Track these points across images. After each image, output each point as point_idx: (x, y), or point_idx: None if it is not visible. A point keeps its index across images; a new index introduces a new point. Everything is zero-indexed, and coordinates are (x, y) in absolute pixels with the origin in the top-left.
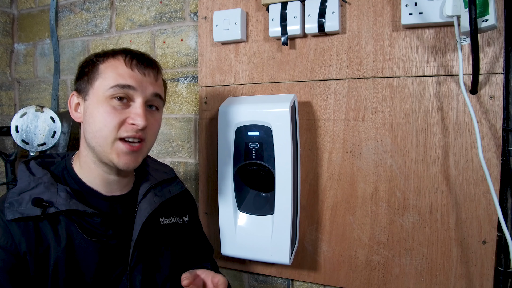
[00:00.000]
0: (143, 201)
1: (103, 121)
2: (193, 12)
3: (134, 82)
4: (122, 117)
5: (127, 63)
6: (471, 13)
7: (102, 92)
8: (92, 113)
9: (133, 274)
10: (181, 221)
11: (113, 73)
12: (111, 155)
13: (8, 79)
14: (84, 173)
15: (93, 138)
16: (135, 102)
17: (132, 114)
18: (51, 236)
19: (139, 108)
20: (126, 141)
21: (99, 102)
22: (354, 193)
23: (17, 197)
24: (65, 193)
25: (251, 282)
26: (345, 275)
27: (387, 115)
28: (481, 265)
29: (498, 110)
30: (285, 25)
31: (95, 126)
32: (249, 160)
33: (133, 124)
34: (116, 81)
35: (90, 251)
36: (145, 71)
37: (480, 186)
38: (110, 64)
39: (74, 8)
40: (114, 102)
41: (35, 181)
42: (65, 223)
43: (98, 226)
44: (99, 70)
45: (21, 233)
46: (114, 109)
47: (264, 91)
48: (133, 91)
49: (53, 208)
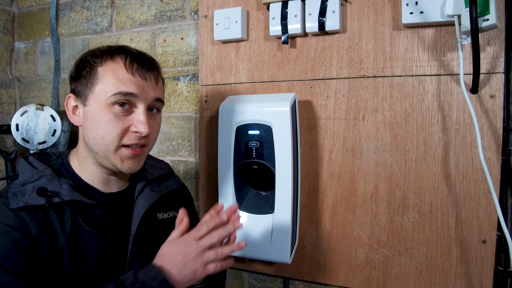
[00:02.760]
0: (140, 197)
1: (106, 129)
2: (193, 10)
3: (136, 89)
4: (125, 125)
5: (127, 67)
6: (471, 12)
7: (103, 98)
8: (94, 120)
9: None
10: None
11: (114, 79)
12: (114, 161)
13: (8, 77)
14: (83, 172)
15: (95, 145)
16: (137, 108)
17: (135, 122)
18: (57, 223)
19: (142, 115)
20: (129, 147)
21: (100, 108)
22: (354, 192)
23: (20, 187)
24: (68, 185)
25: (251, 281)
26: (345, 274)
27: (388, 114)
28: (480, 265)
29: (499, 110)
30: (285, 24)
31: (97, 133)
32: (249, 159)
33: (136, 132)
34: (117, 88)
35: (93, 241)
36: (146, 75)
37: (480, 185)
38: (109, 67)
39: (74, 6)
40: (116, 109)
41: (38, 174)
42: (69, 213)
43: (101, 218)
44: (98, 74)
45: (31, 219)
46: (116, 116)
47: (264, 90)
48: (135, 98)
49: (57, 198)
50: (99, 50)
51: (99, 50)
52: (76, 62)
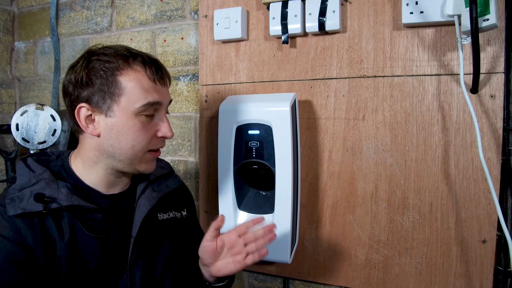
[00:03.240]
0: (141, 197)
1: (136, 138)
2: (193, 10)
3: (160, 97)
4: (151, 132)
5: (149, 76)
6: (472, 12)
7: (131, 109)
8: (122, 131)
9: (133, 270)
10: (179, 215)
11: (140, 90)
12: (139, 166)
13: (8, 77)
14: (85, 174)
15: (121, 154)
16: (159, 113)
17: (161, 127)
18: (54, 230)
19: (165, 121)
20: (152, 150)
21: (128, 119)
22: (354, 192)
23: (18, 193)
24: (66, 189)
25: (251, 281)
26: (345, 274)
27: (388, 114)
28: (480, 265)
29: (499, 110)
30: (285, 24)
31: (126, 143)
32: (249, 159)
33: (162, 137)
34: (145, 99)
35: (92, 246)
36: (163, 81)
37: (480, 185)
38: (131, 77)
39: (74, 6)
40: (143, 118)
41: (36, 178)
42: (68, 219)
43: (100, 222)
44: (120, 85)
45: (27, 227)
46: (143, 125)
47: (264, 90)
48: (159, 106)
49: (55, 204)
50: (105, 54)
51: (106, 55)
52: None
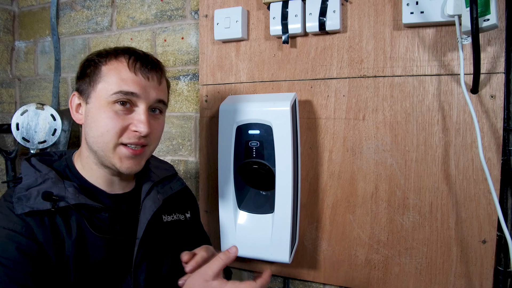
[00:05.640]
0: (147, 199)
1: (105, 126)
2: (194, 10)
3: (138, 89)
4: (124, 123)
5: (130, 66)
6: (472, 12)
7: (105, 97)
8: (94, 118)
9: (137, 272)
10: (183, 218)
11: (116, 78)
12: (113, 160)
13: (8, 76)
14: (87, 173)
15: (94, 143)
16: (138, 107)
17: (135, 121)
18: (63, 229)
19: (142, 115)
20: (128, 146)
21: (101, 106)
22: (354, 192)
23: (25, 192)
24: (73, 188)
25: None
26: (345, 274)
27: (388, 114)
28: (480, 265)
29: (499, 110)
30: (286, 24)
31: (97, 131)
32: (250, 159)
33: (135, 131)
34: (119, 87)
35: (98, 245)
36: (149, 75)
37: (480, 185)
38: (113, 66)
39: (75, 5)
40: (117, 107)
41: (42, 177)
42: (75, 218)
43: (106, 221)
44: (101, 73)
45: (37, 225)
46: (116, 114)
47: (264, 90)
48: (136, 98)
49: (63, 202)
50: (105, 50)
51: (105, 51)
52: (81, 62)
